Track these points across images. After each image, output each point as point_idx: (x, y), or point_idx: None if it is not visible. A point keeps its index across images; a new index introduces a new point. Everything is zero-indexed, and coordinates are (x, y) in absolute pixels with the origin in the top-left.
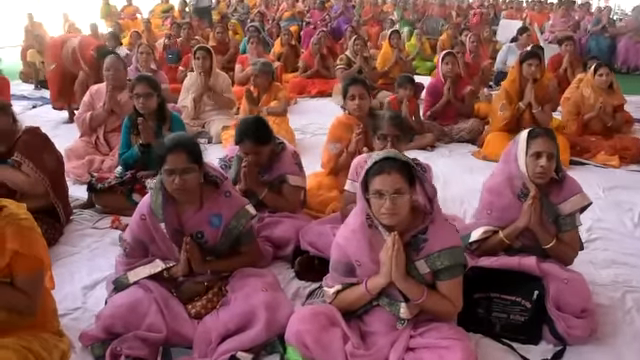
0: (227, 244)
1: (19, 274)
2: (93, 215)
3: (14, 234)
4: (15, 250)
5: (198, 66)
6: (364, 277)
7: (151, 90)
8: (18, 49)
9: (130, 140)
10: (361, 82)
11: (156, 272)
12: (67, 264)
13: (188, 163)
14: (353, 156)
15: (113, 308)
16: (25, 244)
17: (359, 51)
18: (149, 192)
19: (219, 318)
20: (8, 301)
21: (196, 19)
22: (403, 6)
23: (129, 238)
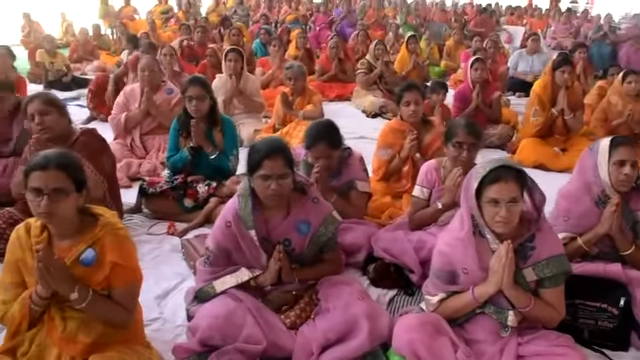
0: (313, 251)
1: (117, 286)
2: (144, 220)
3: (113, 245)
4: (114, 262)
5: (229, 68)
6: (468, 285)
7: (204, 93)
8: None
9: (178, 143)
10: (416, 88)
11: (243, 281)
12: None
13: (285, 168)
14: (405, 162)
15: (210, 319)
16: (124, 255)
17: (380, 56)
18: (235, 198)
19: (317, 328)
20: (106, 314)
21: (203, 19)
22: (406, 11)
23: (212, 246)
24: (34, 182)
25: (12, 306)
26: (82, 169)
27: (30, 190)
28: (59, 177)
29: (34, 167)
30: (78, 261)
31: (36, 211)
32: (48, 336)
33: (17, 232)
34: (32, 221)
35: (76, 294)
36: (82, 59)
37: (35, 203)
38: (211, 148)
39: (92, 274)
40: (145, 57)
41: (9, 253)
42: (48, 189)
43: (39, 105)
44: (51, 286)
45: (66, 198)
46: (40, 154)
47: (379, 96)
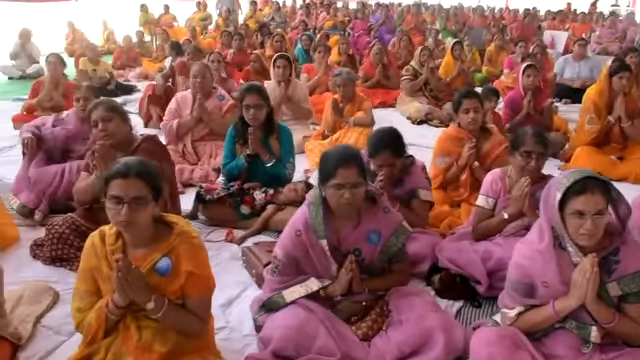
0: (383, 262)
1: (192, 295)
2: (201, 227)
3: (189, 254)
4: (190, 271)
5: (278, 75)
6: (548, 299)
7: (262, 101)
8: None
9: (234, 150)
10: (476, 95)
11: (312, 291)
12: None
13: (359, 177)
14: (463, 170)
15: (283, 330)
16: (199, 264)
17: (425, 62)
18: (304, 207)
19: (391, 340)
20: (181, 323)
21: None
22: (445, 16)
23: (281, 255)
24: (115, 190)
25: (88, 314)
26: (159, 177)
27: (110, 198)
28: (139, 186)
29: (115, 175)
30: (153, 270)
31: (115, 219)
32: (124, 345)
33: (92, 240)
34: (106, 229)
35: (152, 303)
36: (125, 66)
37: (114, 211)
38: (268, 156)
39: (167, 283)
40: (197, 64)
41: (84, 261)
42: (128, 197)
43: (102, 112)
44: (128, 295)
45: (145, 207)
46: (121, 162)
47: (424, 103)
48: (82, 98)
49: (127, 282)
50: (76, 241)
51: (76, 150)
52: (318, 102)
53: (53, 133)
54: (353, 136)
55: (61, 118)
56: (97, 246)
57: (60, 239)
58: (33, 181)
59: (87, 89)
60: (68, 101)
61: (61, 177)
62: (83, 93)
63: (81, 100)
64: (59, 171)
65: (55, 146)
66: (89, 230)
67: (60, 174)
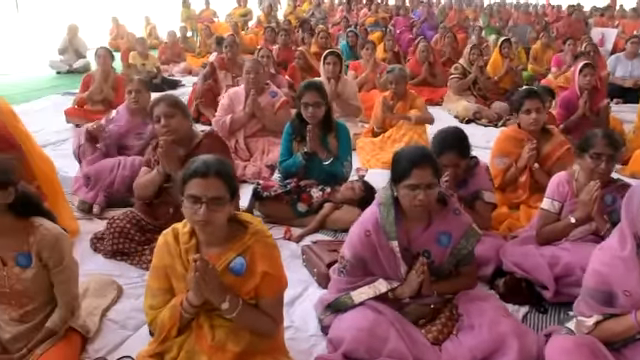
0: (452, 264)
1: (266, 295)
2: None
3: (263, 254)
4: (265, 271)
5: (328, 71)
6: (629, 308)
7: (321, 99)
8: None
9: (291, 147)
10: (538, 95)
11: (381, 293)
12: None
13: (433, 178)
14: (522, 172)
15: (354, 332)
16: (273, 264)
17: (475, 60)
18: (373, 207)
19: (462, 345)
20: (254, 323)
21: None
22: (489, 13)
23: (349, 255)
24: (193, 189)
25: (161, 311)
26: (235, 176)
27: (187, 197)
28: (218, 185)
29: (194, 174)
30: (227, 269)
31: (193, 218)
32: (197, 343)
33: (165, 238)
34: (179, 227)
35: (227, 304)
36: (170, 61)
37: (192, 210)
38: (326, 154)
39: (242, 283)
40: (250, 59)
41: (157, 259)
42: (207, 197)
43: (165, 108)
44: (204, 295)
45: (223, 207)
46: (199, 160)
47: (472, 101)
48: (134, 91)
49: (204, 282)
50: (137, 235)
51: (130, 146)
52: (366, 99)
53: (107, 132)
54: (409, 134)
55: (111, 118)
56: (171, 244)
57: (121, 233)
58: (93, 178)
59: (139, 82)
60: (118, 94)
61: (116, 171)
62: (135, 86)
63: (133, 93)
64: (115, 165)
65: (110, 144)
66: (149, 225)
67: (116, 168)
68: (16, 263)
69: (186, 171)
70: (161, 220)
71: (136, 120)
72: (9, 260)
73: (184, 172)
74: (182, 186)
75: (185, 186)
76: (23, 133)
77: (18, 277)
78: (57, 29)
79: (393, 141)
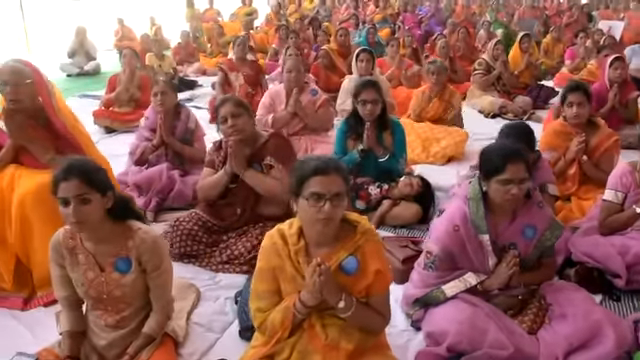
0: (536, 256)
1: (376, 293)
2: (285, 224)
3: (374, 252)
4: (378, 269)
5: (361, 68)
6: None
7: (378, 96)
8: (111, 53)
9: (346, 145)
10: (581, 89)
11: (471, 286)
12: None
13: (525, 173)
14: (571, 165)
15: (457, 325)
16: (383, 262)
17: (498, 56)
18: (459, 201)
19: (558, 333)
20: (366, 321)
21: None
22: (496, 7)
23: (437, 250)
24: (316, 187)
25: (270, 314)
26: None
27: (310, 195)
28: (339, 182)
29: (315, 172)
30: (339, 269)
31: (316, 217)
32: (310, 343)
33: (271, 240)
34: (285, 228)
35: (343, 302)
36: (184, 61)
37: (315, 208)
38: (382, 150)
39: (354, 282)
40: (291, 58)
41: (264, 261)
42: (330, 194)
43: (231, 107)
44: (321, 295)
45: (343, 203)
46: (316, 159)
47: (496, 96)
48: (160, 93)
49: (324, 283)
50: (204, 237)
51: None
52: (393, 96)
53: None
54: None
55: (142, 126)
56: (279, 246)
57: (189, 236)
58: (144, 187)
59: (164, 84)
60: (144, 94)
61: (159, 178)
62: (161, 88)
63: (159, 95)
64: (156, 173)
65: (160, 154)
66: (215, 226)
67: (158, 175)
68: (115, 269)
69: (302, 171)
70: (227, 221)
71: (166, 120)
72: (107, 266)
73: (299, 172)
74: (298, 186)
75: (303, 185)
76: (83, 133)
77: (117, 283)
78: (62, 31)
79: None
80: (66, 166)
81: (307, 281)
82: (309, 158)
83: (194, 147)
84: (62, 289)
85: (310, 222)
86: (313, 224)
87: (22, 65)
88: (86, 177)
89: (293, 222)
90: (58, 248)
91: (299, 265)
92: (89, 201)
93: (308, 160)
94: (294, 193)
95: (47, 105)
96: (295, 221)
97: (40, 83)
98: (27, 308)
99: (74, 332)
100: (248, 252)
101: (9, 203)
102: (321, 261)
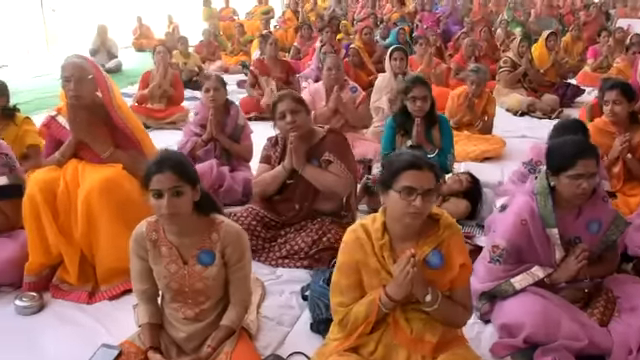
0: (600, 250)
1: (459, 286)
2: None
3: (457, 245)
4: (463, 263)
5: (395, 67)
6: None
7: (428, 93)
8: (129, 50)
9: (394, 141)
10: (617, 87)
11: (539, 279)
12: None
13: (595, 167)
14: (615, 163)
15: (532, 316)
16: (466, 255)
17: (524, 53)
18: (525, 196)
19: (630, 326)
20: (450, 314)
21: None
22: (513, 6)
23: (505, 244)
24: (409, 181)
25: (352, 308)
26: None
27: (403, 189)
28: (431, 178)
29: (408, 167)
30: (424, 263)
31: (406, 210)
32: (396, 337)
33: (355, 234)
34: (368, 223)
35: (429, 296)
36: (206, 59)
37: (406, 202)
38: (430, 147)
39: (439, 276)
40: (331, 56)
41: (347, 255)
42: (422, 189)
43: (290, 103)
44: (411, 288)
45: (432, 199)
46: (406, 154)
47: (523, 94)
48: (212, 89)
49: (416, 274)
50: (262, 232)
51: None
52: None
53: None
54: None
55: (191, 122)
56: (363, 240)
57: (247, 230)
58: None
59: (216, 79)
60: (177, 91)
61: (210, 173)
62: (213, 84)
63: (211, 90)
64: (207, 168)
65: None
66: (272, 221)
67: (209, 171)
68: (198, 261)
69: (395, 164)
70: (285, 216)
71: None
72: (190, 259)
73: (392, 165)
74: (390, 179)
75: (396, 178)
76: (139, 129)
77: (200, 275)
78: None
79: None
80: (160, 159)
81: (396, 273)
82: (403, 152)
83: (241, 144)
84: (141, 282)
85: (398, 216)
86: (401, 218)
87: (84, 61)
88: (179, 170)
89: (376, 217)
90: (141, 240)
91: (383, 260)
92: (182, 194)
93: (402, 154)
94: (385, 185)
95: (106, 100)
96: (378, 216)
97: (100, 79)
98: (92, 302)
99: (153, 324)
100: (309, 247)
101: (75, 198)
102: (414, 252)
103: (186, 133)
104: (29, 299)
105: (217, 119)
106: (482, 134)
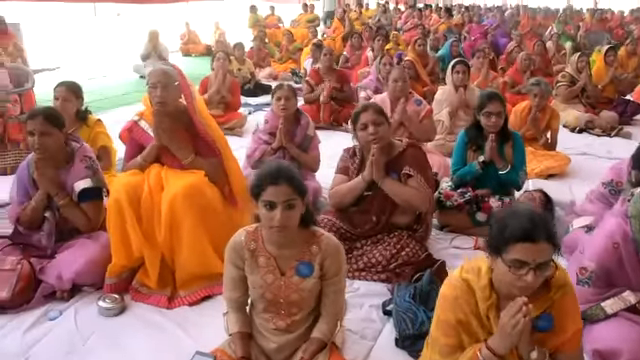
0: None
1: (570, 350)
2: (437, 233)
3: (571, 309)
4: (578, 329)
5: (457, 80)
6: None
7: (502, 109)
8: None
9: (465, 156)
10: None
11: (631, 304)
12: None
13: None
14: None
15: (630, 343)
16: (579, 320)
17: (583, 68)
18: (616, 219)
19: None
20: None
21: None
22: (564, 20)
23: (595, 267)
24: (522, 254)
25: None
26: None
27: (513, 262)
28: (548, 250)
29: (523, 237)
30: (532, 326)
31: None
32: None
33: (456, 291)
34: (471, 278)
35: (535, 353)
36: (256, 65)
37: (516, 276)
38: (502, 163)
39: (547, 338)
40: (397, 68)
41: (448, 314)
42: (535, 263)
43: (373, 115)
44: (515, 341)
45: (547, 272)
46: (522, 213)
47: (581, 110)
48: (284, 98)
49: (526, 325)
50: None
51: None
52: None
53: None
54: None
55: (261, 129)
56: (466, 299)
57: None
58: None
59: (288, 89)
60: (234, 97)
61: None
62: (285, 93)
63: (282, 100)
64: None
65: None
66: (347, 233)
67: None
68: (296, 273)
69: (508, 232)
70: (361, 228)
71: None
72: (288, 270)
73: (505, 231)
74: (500, 245)
75: (506, 248)
76: (222, 138)
77: (296, 287)
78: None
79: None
80: (275, 170)
81: (503, 322)
82: (517, 213)
83: (309, 154)
84: (234, 290)
85: (506, 284)
86: (508, 287)
87: (170, 67)
88: (293, 183)
89: (481, 271)
90: (239, 249)
91: (488, 321)
92: (294, 207)
93: (516, 217)
94: (494, 249)
95: (190, 107)
96: (483, 272)
97: (184, 85)
98: (172, 306)
99: (244, 333)
100: (387, 260)
101: (158, 202)
102: (527, 300)
103: (255, 141)
104: (112, 301)
105: (287, 128)
106: (546, 150)
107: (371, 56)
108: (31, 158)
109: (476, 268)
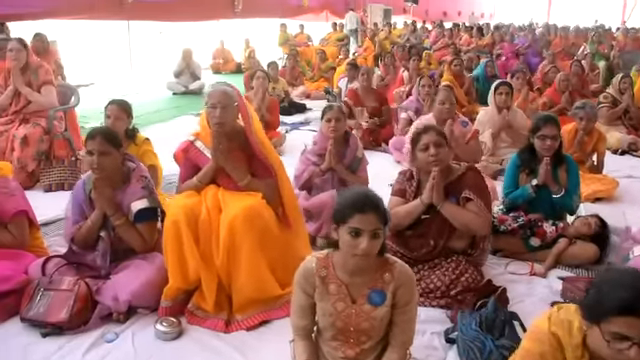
0: None
1: None
2: (491, 258)
3: None
4: None
5: (500, 101)
6: None
7: (558, 132)
8: (206, 72)
9: (517, 179)
10: None
11: None
12: None
13: None
14: None
15: None
16: None
17: (626, 89)
18: None
19: None
20: None
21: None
22: (597, 39)
23: None
24: (623, 328)
25: None
26: None
27: (612, 335)
28: None
29: (625, 310)
30: None
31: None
32: None
33: (543, 347)
34: (564, 337)
35: None
36: (289, 84)
37: (614, 350)
38: (556, 187)
39: None
40: (444, 89)
41: (536, 343)
42: (638, 338)
43: (435, 136)
44: None
45: None
46: (621, 283)
47: (623, 132)
48: (334, 119)
49: None
50: None
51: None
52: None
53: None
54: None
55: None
56: (556, 356)
57: None
58: (315, 212)
59: (338, 110)
60: (272, 116)
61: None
62: (335, 114)
63: (333, 121)
64: (328, 198)
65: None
66: (404, 257)
67: (331, 201)
68: (368, 301)
69: (604, 300)
70: (417, 252)
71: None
72: (360, 298)
73: (601, 300)
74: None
75: (603, 320)
76: (278, 159)
77: (368, 315)
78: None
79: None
80: (364, 198)
81: None
82: (621, 280)
83: (358, 175)
84: (302, 318)
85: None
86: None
87: (230, 88)
88: (380, 211)
89: (572, 327)
90: (309, 277)
91: None
92: (379, 236)
93: (620, 285)
94: (593, 317)
95: (247, 128)
96: (576, 328)
97: (242, 106)
98: (229, 330)
99: None
100: (446, 286)
101: (216, 224)
102: None
103: (303, 162)
104: (170, 324)
105: (336, 149)
106: (593, 173)
107: (406, 76)
108: (88, 177)
109: (566, 322)
